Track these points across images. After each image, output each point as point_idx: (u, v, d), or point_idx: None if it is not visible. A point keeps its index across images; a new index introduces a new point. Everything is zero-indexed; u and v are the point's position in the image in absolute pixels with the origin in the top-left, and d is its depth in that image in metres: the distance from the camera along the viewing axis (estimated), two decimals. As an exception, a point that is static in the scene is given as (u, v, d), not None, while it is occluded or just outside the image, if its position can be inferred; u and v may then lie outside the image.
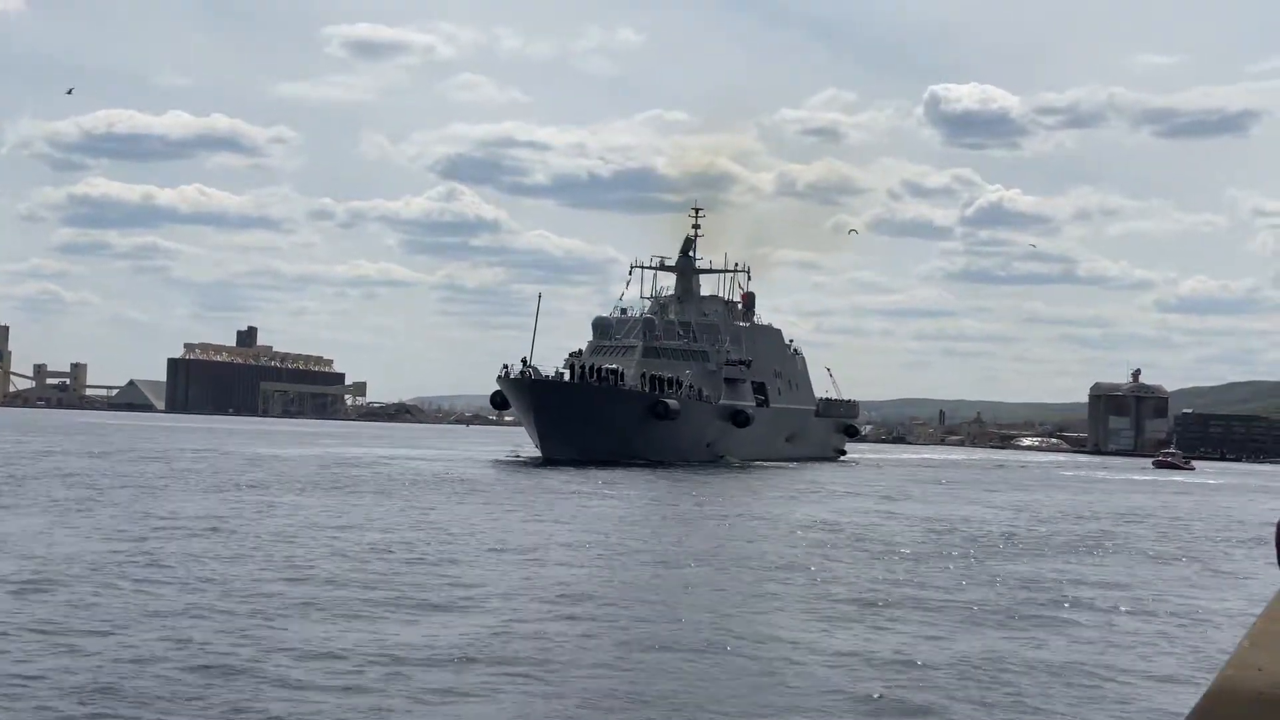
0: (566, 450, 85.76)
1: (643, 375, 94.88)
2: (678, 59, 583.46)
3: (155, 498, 45.65)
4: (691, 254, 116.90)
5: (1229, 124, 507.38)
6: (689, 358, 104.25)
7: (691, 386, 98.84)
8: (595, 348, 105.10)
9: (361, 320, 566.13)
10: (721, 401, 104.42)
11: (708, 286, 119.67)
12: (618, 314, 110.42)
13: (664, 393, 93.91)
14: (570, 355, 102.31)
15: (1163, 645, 22.53)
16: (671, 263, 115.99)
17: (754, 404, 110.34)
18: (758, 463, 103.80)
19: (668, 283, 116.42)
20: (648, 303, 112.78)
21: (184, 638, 19.30)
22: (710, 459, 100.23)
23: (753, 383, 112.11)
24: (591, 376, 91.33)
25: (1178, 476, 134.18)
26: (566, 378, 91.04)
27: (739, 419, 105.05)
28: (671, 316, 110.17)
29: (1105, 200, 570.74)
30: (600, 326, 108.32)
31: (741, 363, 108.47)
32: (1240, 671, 4.49)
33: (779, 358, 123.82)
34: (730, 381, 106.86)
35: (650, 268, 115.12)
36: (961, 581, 30.08)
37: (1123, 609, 26.79)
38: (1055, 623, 24.45)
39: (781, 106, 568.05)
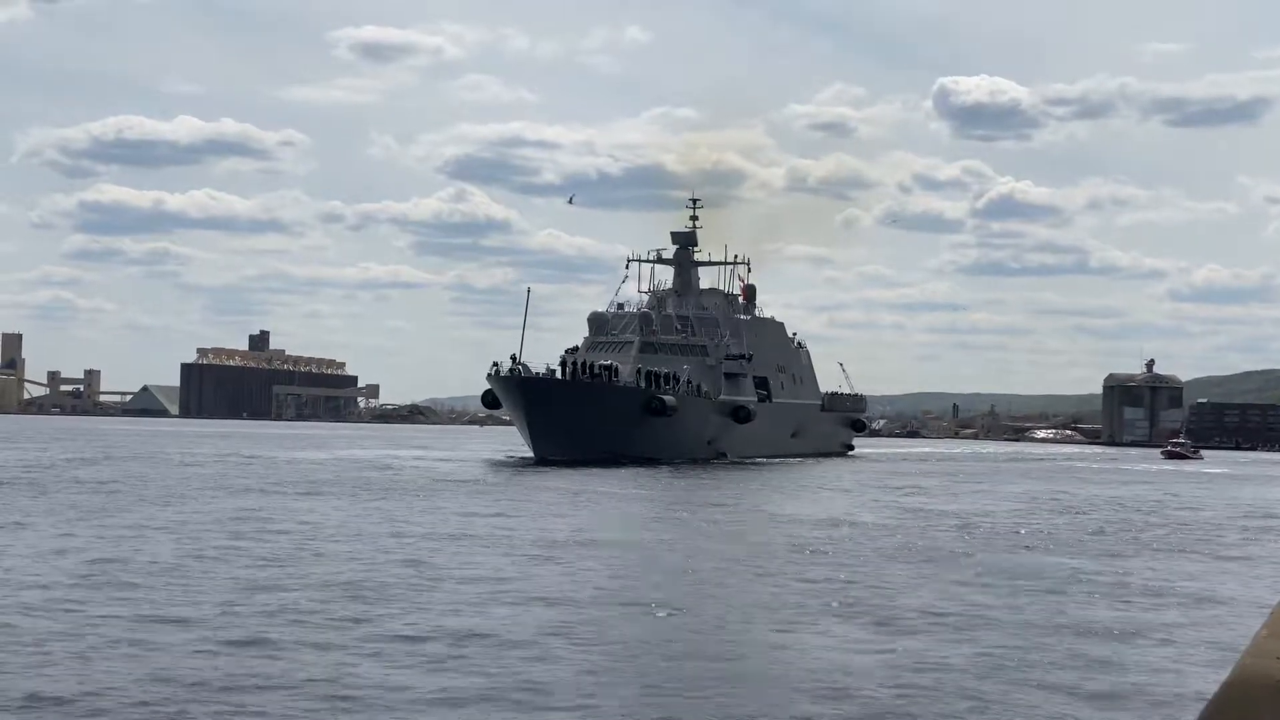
0: (559, 449, 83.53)
1: (638, 371, 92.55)
2: (685, 56, 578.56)
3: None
4: (690, 247, 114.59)
5: (1239, 112, 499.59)
6: (687, 352, 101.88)
7: (689, 382, 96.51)
8: (591, 344, 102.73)
9: (373, 322, 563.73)
10: (721, 397, 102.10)
11: (708, 279, 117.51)
12: (614, 309, 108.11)
13: (660, 389, 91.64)
14: (566, 351, 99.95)
15: (1180, 634, 22.24)
16: (669, 256, 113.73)
17: (755, 399, 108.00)
18: (760, 460, 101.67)
19: (667, 276, 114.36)
20: (646, 297, 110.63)
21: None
22: (711, 456, 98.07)
23: (754, 377, 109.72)
24: (584, 373, 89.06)
25: (1188, 466, 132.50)
26: (559, 375, 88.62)
27: (740, 415, 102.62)
28: (669, 310, 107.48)
29: (1117, 191, 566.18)
30: (596, 322, 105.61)
31: (742, 357, 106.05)
32: (1259, 660, 4.66)
33: (782, 351, 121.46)
34: (730, 376, 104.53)
35: (648, 261, 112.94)
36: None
37: (1138, 597, 26.44)
38: (1069, 613, 24.11)
39: (789, 102, 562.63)
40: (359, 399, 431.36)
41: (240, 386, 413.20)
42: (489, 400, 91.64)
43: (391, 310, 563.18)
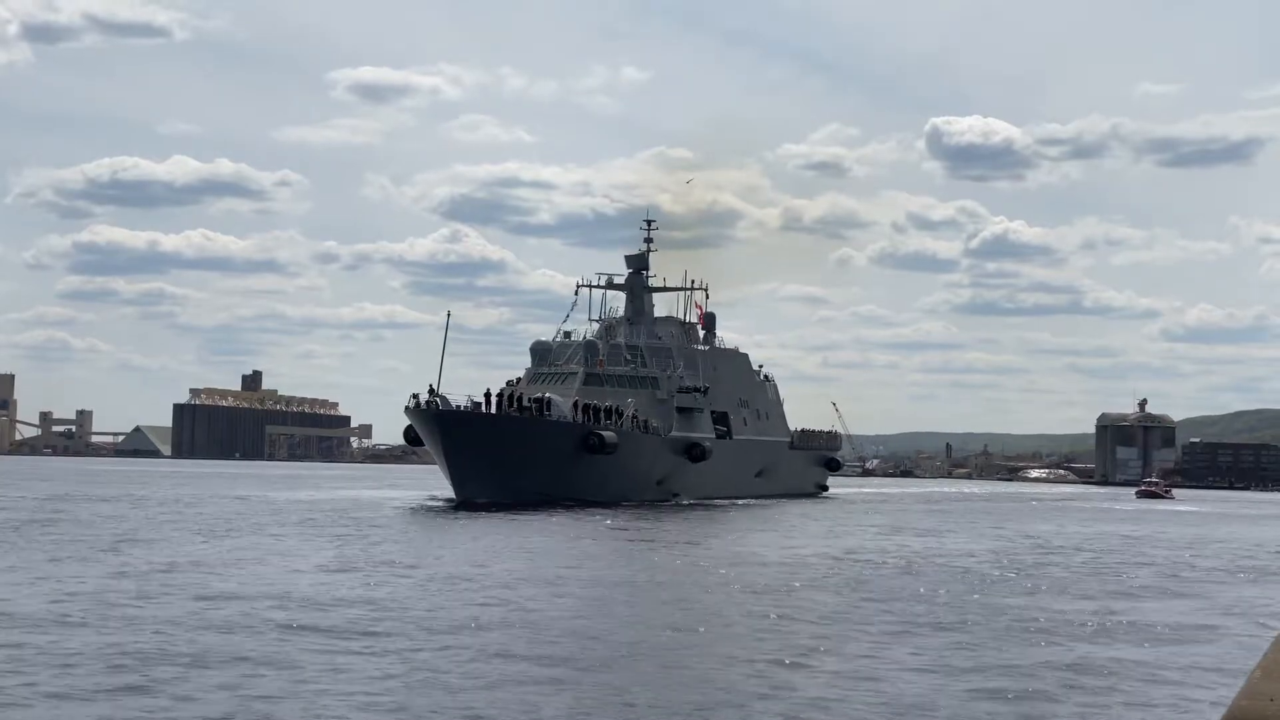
0: (484, 490, 75.93)
1: (575, 404, 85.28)
2: (680, 96, 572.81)
3: None
4: (644, 271, 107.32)
5: (1233, 152, 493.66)
6: (636, 384, 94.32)
7: (635, 417, 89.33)
8: (533, 375, 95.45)
9: (367, 362, 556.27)
10: (673, 433, 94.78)
11: (666, 307, 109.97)
12: (561, 337, 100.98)
13: (601, 424, 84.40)
14: (507, 384, 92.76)
15: (1172, 675, 21.51)
16: (620, 280, 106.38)
17: (713, 435, 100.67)
18: (717, 502, 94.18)
19: (623, 304, 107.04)
20: (595, 325, 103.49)
21: None
22: (661, 498, 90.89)
23: (713, 412, 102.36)
24: (512, 405, 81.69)
25: (1161, 506, 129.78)
26: (484, 408, 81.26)
27: (694, 452, 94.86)
28: (619, 339, 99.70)
29: (1110, 231, 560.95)
30: (539, 352, 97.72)
31: (697, 389, 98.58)
32: (1252, 702, 4.55)
33: (744, 384, 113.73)
34: (684, 411, 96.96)
35: (598, 286, 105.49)
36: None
37: (1128, 639, 25.69)
38: (1053, 655, 23.04)
39: (784, 142, 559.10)
40: (352, 439, 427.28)
41: (233, 427, 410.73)
42: (411, 436, 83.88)
43: (385, 350, 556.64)
